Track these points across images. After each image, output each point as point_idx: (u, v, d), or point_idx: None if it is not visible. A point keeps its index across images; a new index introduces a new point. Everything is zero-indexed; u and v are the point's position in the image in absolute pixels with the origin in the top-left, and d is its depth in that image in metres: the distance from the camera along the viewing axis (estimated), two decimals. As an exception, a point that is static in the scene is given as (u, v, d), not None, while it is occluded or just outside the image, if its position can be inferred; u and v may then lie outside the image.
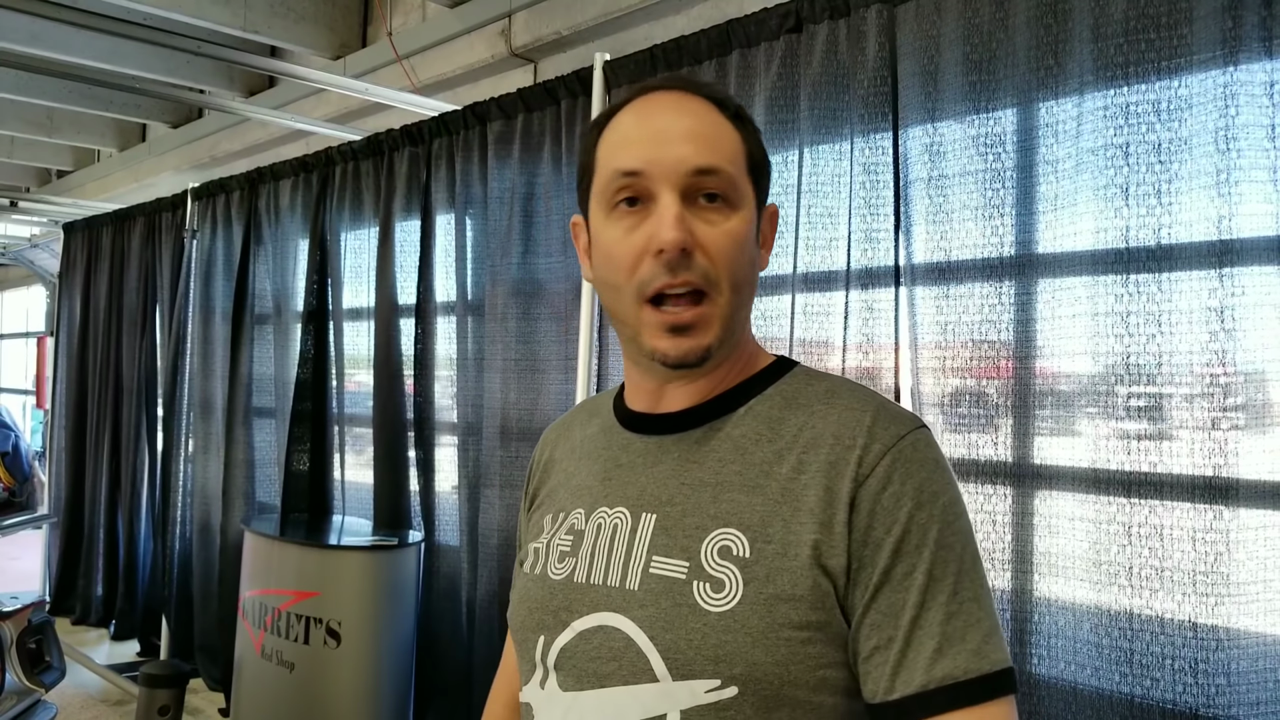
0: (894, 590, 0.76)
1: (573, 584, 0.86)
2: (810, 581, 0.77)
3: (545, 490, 1.00)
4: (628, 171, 0.83)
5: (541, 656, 0.86)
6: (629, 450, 0.91)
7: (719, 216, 0.83)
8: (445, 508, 3.15)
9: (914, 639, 0.76)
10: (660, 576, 0.81)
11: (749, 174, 0.87)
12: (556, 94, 2.72)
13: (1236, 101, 1.63)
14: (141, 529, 4.72)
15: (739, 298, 0.85)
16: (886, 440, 0.80)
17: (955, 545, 0.78)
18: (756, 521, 0.80)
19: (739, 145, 0.87)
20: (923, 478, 0.79)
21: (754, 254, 0.88)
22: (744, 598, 0.77)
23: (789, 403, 0.87)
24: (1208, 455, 1.65)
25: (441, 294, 3.17)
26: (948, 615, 0.76)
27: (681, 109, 0.86)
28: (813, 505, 0.79)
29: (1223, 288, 1.64)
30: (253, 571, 3.03)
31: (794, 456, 0.82)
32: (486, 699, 3.17)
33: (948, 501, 0.79)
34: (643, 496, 0.86)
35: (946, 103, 1.95)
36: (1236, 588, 1.62)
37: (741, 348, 0.90)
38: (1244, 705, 1.61)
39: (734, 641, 0.76)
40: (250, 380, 3.93)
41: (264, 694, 2.93)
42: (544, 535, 0.93)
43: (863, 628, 0.77)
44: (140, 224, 4.84)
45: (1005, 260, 1.89)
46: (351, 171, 3.48)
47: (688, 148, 0.82)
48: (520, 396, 2.83)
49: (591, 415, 1.01)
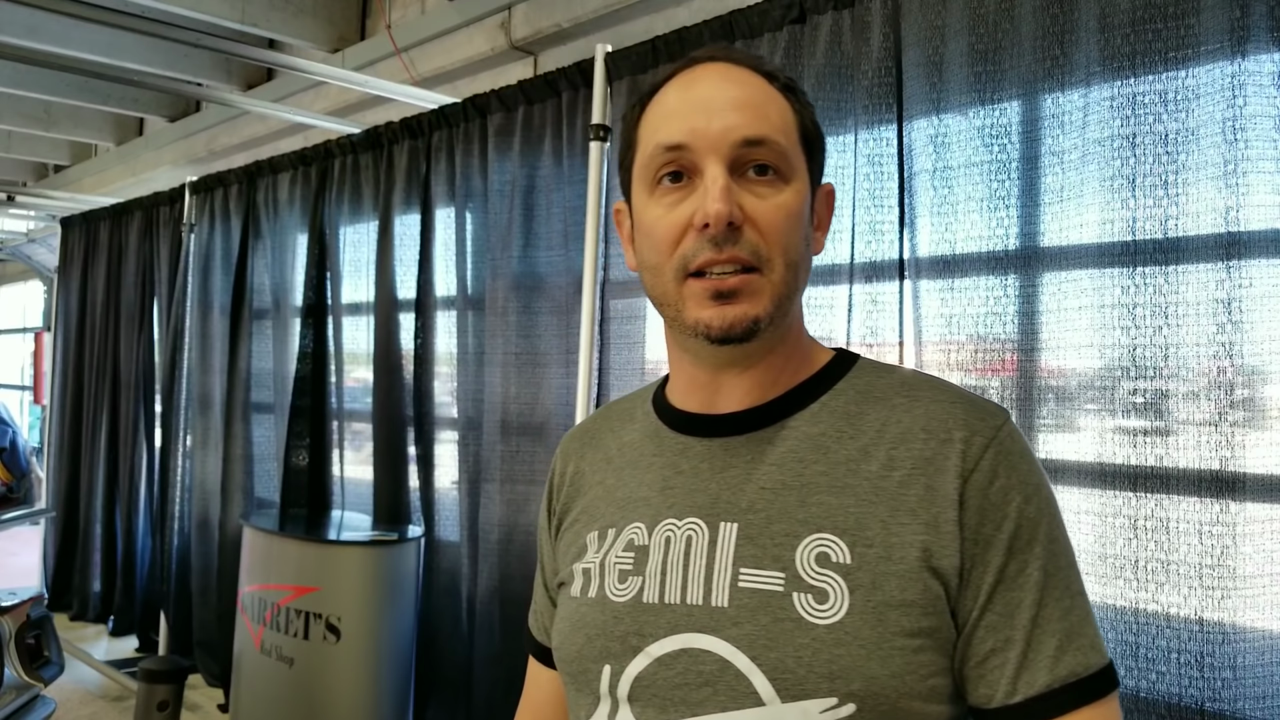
0: (1009, 589, 0.73)
1: (642, 605, 0.79)
2: (921, 585, 0.72)
3: (578, 507, 0.91)
4: (671, 145, 0.78)
5: (609, 688, 0.78)
6: (688, 456, 0.84)
7: (770, 190, 0.78)
8: (445, 503, 3.14)
9: (1035, 638, 0.72)
10: (754, 590, 0.75)
11: (802, 147, 0.82)
12: (557, 86, 2.70)
13: (1244, 92, 1.62)
14: (140, 524, 4.71)
15: (793, 276, 0.79)
16: (986, 432, 0.76)
17: (1060, 538, 0.76)
18: (852, 524, 0.75)
19: (790, 116, 0.81)
20: (1025, 469, 0.76)
21: (808, 232, 0.82)
22: (852, 607, 0.72)
23: (864, 396, 0.82)
24: (1214, 448, 1.64)
25: (441, 288, 3.15)
26: (1064, 611, 0.73)
27: (728, 78, 0.80)
28: (913, 504, 0.74)
29: (1230, 279, 1.62)
30: (252, 567, 3.02)
31: (882, 453, 0.77)
32: (488, 695, 3.14)
33: (1048, 493, 0.77)
34: (717, 504, 0.79)
35: (951, 94, 1.94)
36: (1243, 581, 1.61)
37: (796, 338, 0.84)
38: (1250, 699, 1.60)
39: (848, 655, 0.71)
40: (249, 375, 3.91)
41: (263, 689, 2.92)
42: (591, 554, 0.85)
43: (978, 630, 0.73)
44: (138, 218, 4.82)
45: (1010, 253, 1.88)
46: (350, 165, 3.47)
47: (735, 117, 0.77)
48: (521, 391, 2.81)
49: (624, 421, 0.93)
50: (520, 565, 2.79)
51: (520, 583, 2.79)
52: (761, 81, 0.81)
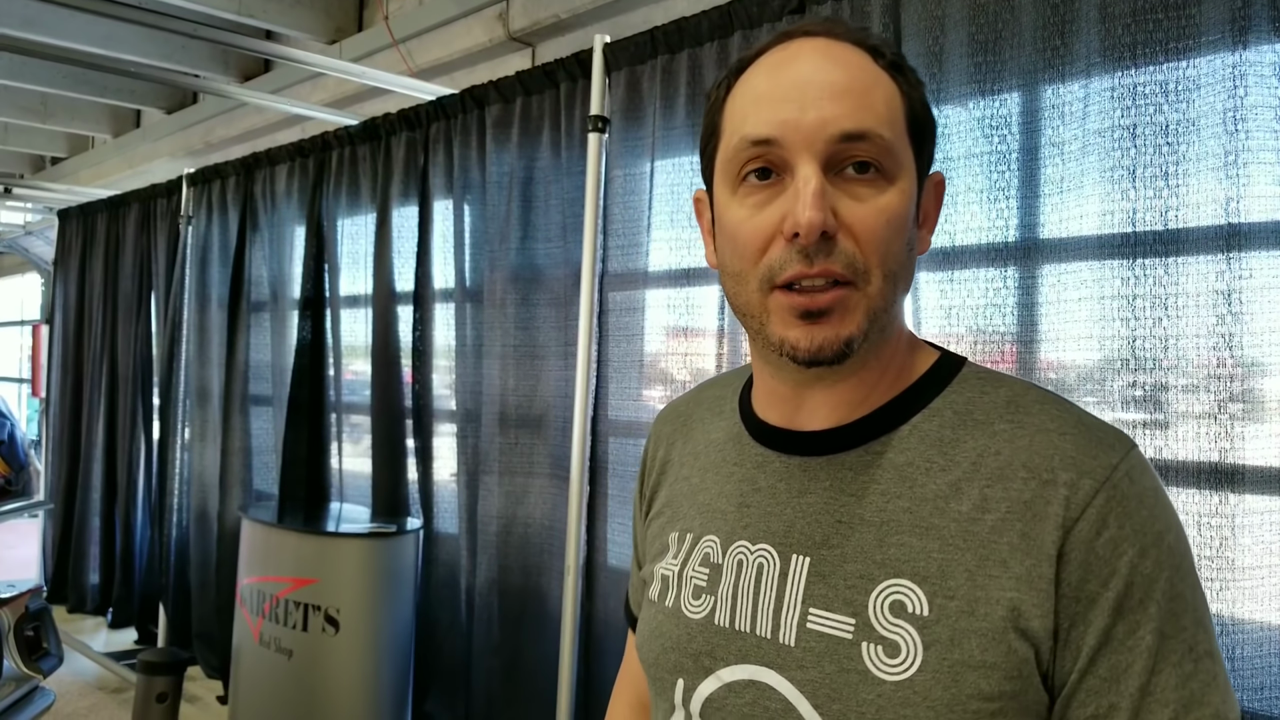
0: (1115, 652, 0.64)
1: (714, 627, 0.76)
2: (1005, 647, 0.65)
3: (663, 496, 0.88)
4: (759, 139, 0.69)
5: (683, 701, 0.77)
6: (766, 471, 0.78)
7: (870, 191, 0.68)
8: (444, 495, 3.14)
9: (1144, 708, 0.64)
10: (821, 634, 0.70)
11: (910, 137, 0.71)
12: (555, 77, 2.69)
13: (1245, 82, 1.61)
14: (138, 517, 4.71)
15: (892, 288, 0.70)
16: (1097, 474, 0.66)
17: (1186, 593, 0.66)
18: (934, 572, 0.67)
19: (898, 102, 0.71)
20: (1144, 516, 0.66)
21: (912, 235, 0.72)
22: (924, 664, 0.66)
23: (962, 419, 0.72)
24: (1214, 440, 1.64)
25: (440, 281, 3.15)
26: (1184, 677, 0.64)
27: (828, 58, 0.70)
28: (1005, 555, 0.66)
29: (1230, 270, 1.62)
30: (250, 559, 3.02)
31: (975, 490, 0.69)
32: (486, 686, 3.15)
33: (1173, 540, 0.66)
34: (790, 534, 0.74)
35: (951, 84, 1.93)
36: (1241, 573, 1.61)
37: (893, 347, 0.75)
38: (1248, 690, 1.60)
39: (914, 716, 0.65)
40: (247, 368, 3.91)
41: (262, 681, 2.92)
42: (670, 559, 0.83)
43: (1078, 693, 0.65)
44: (135, 210, 4.81)
45: (1010, 244, 1.87)
46: (348, 157, 3.46)
47: (833, 107, 0.67)
48: (519, 383, 2.81)
49: (714, 412, 0.88)
50: (519, 557, 2.80)
51: (518, 575, 2.79)
52: (866, 60, 0.71)
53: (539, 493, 2.77)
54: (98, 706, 3.81)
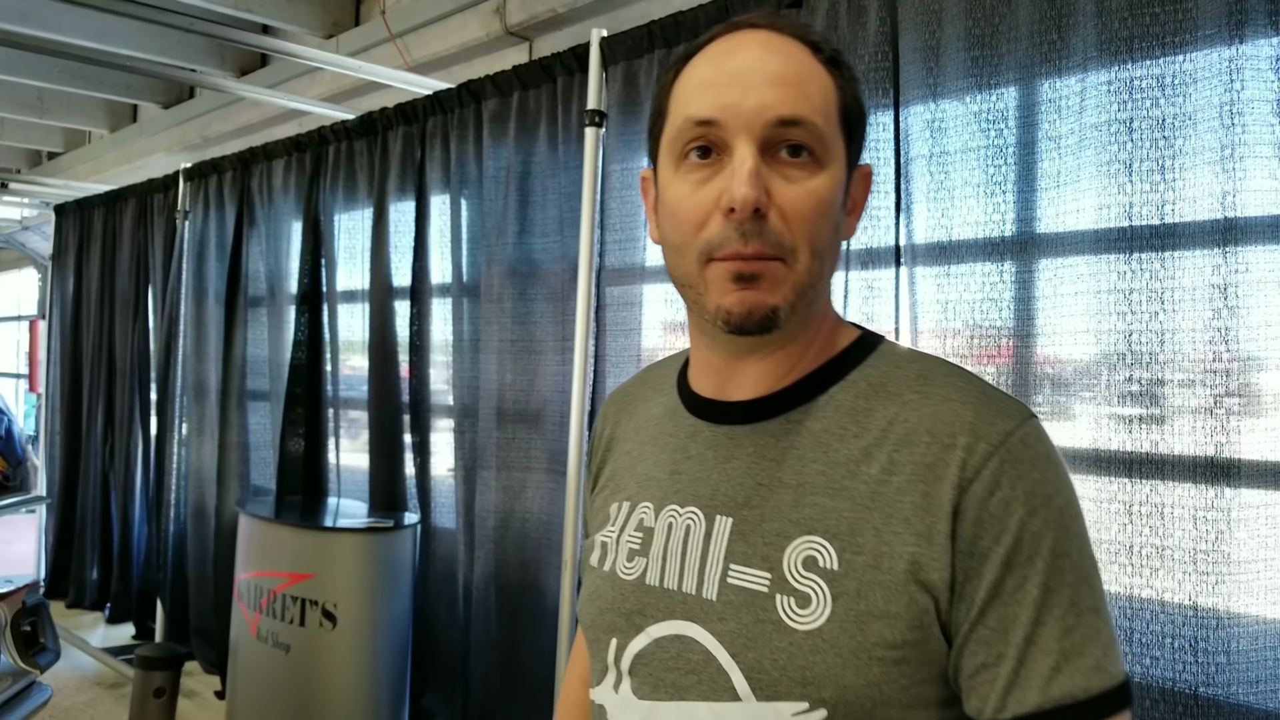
0: (1004, 604, 0.69)
1: (644, 586, 0.81)
2: (906, 598, 0.70)
3: (608, 471, 0.94)
4: (701, 120, 0.74)
5: (614, 659, 0.81)
6: (697, 440, 0.83)
7: (802, 174, 0.73)
8: (441, 490, 3.14)
9: (1028, 656, 0.69)
10: (740, 588, 0.75)
11: (841, 127, 0.77)
12: (553, 71, 2.69)
13: (1242, 76, 1.61)
14: (136, 512, 4.71)
15: (819, 266, 0.75)
16: (993, 438, 0.71)
17: (1072, 552, 0.70)
18: (844, 529, 0.73)
19: (832, 93, 0.76)
20: (1035, 479, 0.71)
21: (839, 219, 0.77)
22: (833, 615, 0.71)
23: (875, 390, 0.78)
24: (1209, 434, 1.64)
25: (437, 275, 3.14)
26: (1065, 629, 0.69)
27: (768, 49, 0.75)
28: (908, 513, 0.71)
29: (1226, 264, 1.62)
30: (248, 554, 3.02)
31: (884, 455, 0.74)
32: (484, 681, 3.15)
33: (1063, 503, 0.71)
34: (715, 496, 0.79)
35: (948, 78, 1.93)
36: (1237, 566, 1.61)
37: (818, 325, 0.81)
38: (1243, 684, 1.60)
39: (823, 663, 0.70)
40: (244, 363, 3.90)
41: (260, 676, 2.92)
42: (610, 527, 0.88)
43: (969, 644, 0.70)
44: (132, 205, 4.80)
45: (1007, 238, 1.87)
46: (345, 151, 3.45)
47: (771, 93, 0.72)
48: (516, 378, 2.81)
49: (655, 391, 0.93)
50: (516, 552, 2.80)
51: (516, 569, 2.80)
52: (805, 53, 0.76)
53: (536, 487, 2.77)
54: (95, 701, 3.81)
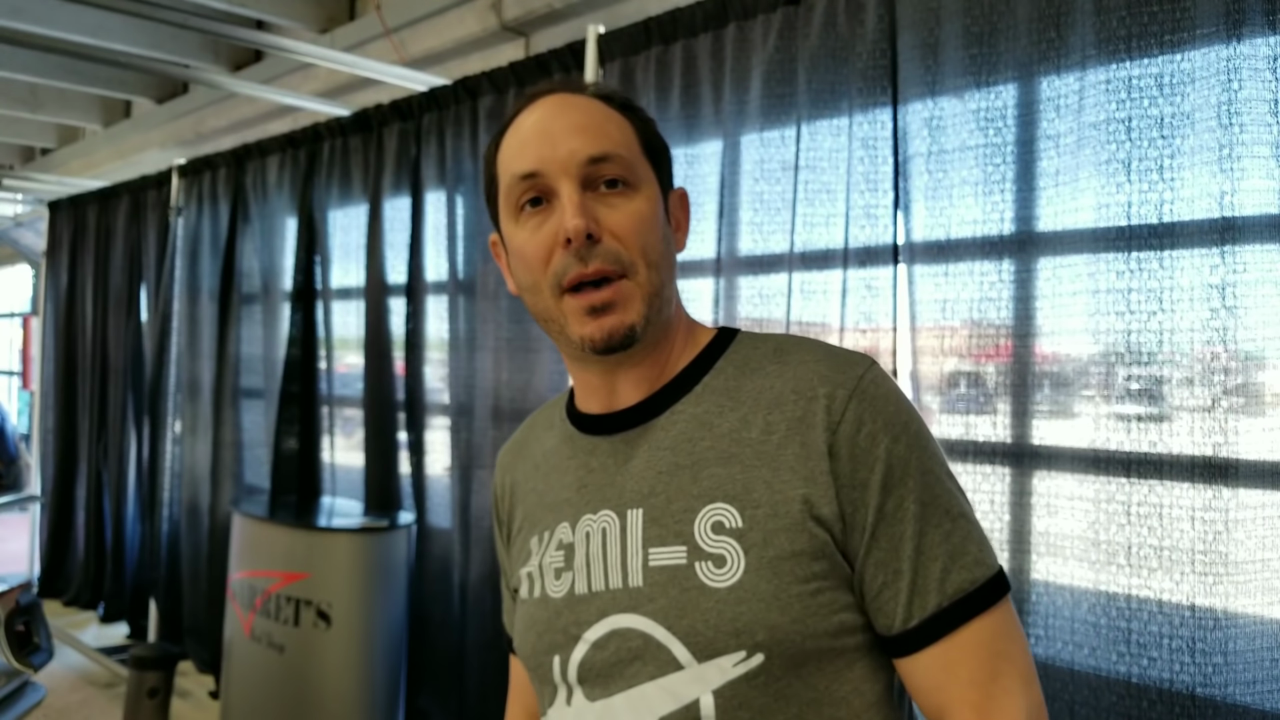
0: (890, 525, 0.79)
1: (574, 597, 0.86)
2: (807, 535, 0.78)
3: (520, 515, 0.99)
4: (525, 174, 0.85)
5: (561, 676, 0.86)
6: (596, 454, 0.91)
7: (622, 200, 0.84)
8: (437, 490, 3.13)
9: (920, 565, 0.79)
10: (661, 567, 0.81)
11: (647, 158, 0.89)
12: (549, 67, 2.68)
13: (1239, 76, 1.61)
14: (129, 510, 4.69)
15: (659, 275, 0.85)
16: (847, 384, 0.82)
17: (934, 468, 0.81)
18: (740, 490, 0.81)
19: (630, 132, 0.88)
20: (890, 411, 0.81)
21: (665, 232, 0.88)
22: (748, 567, 0.78)
23: (740, 370, 0.88)
24: (1208, 434, 1.63)
25: (432, 272, 3.13)
26: (945, 534, 0.79)
27: (566, 106, 0.87)
28: (792, 462, 0.80)
29: (1224, 264, 1.62)
30: (241, 553, 3.00)
31: (760, 419, 0.83)
32: (480, 681, 3.14)
33: (917, 429, 0.82)
34: (624, 495, 0.86)
35: (947, 76, 1.92)
36: (1235, 567, 1.61)
37: (676, 327, 0.91)
38: (1240, 684, 1.60)
39: (749, 611, 0.77)
40: (238, 360, 3.89)
41: (254, 676, 2.91)
42: (534, 558, 0.93)
43: (868, 567, 0.80)
44: (125, 202, 4.78)
45: (1005, 237, 1.87)
46: (340, 148, 3.43)
47: (577, 140, 0.84)
48: (513, 376, 2.80)
49: (545, 429, 1.00)
50: (512, 551, 2.78)
51: (512, 568, 2.78)
52: (598, 104, 0.88)
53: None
54: (88, 701, 3.80)
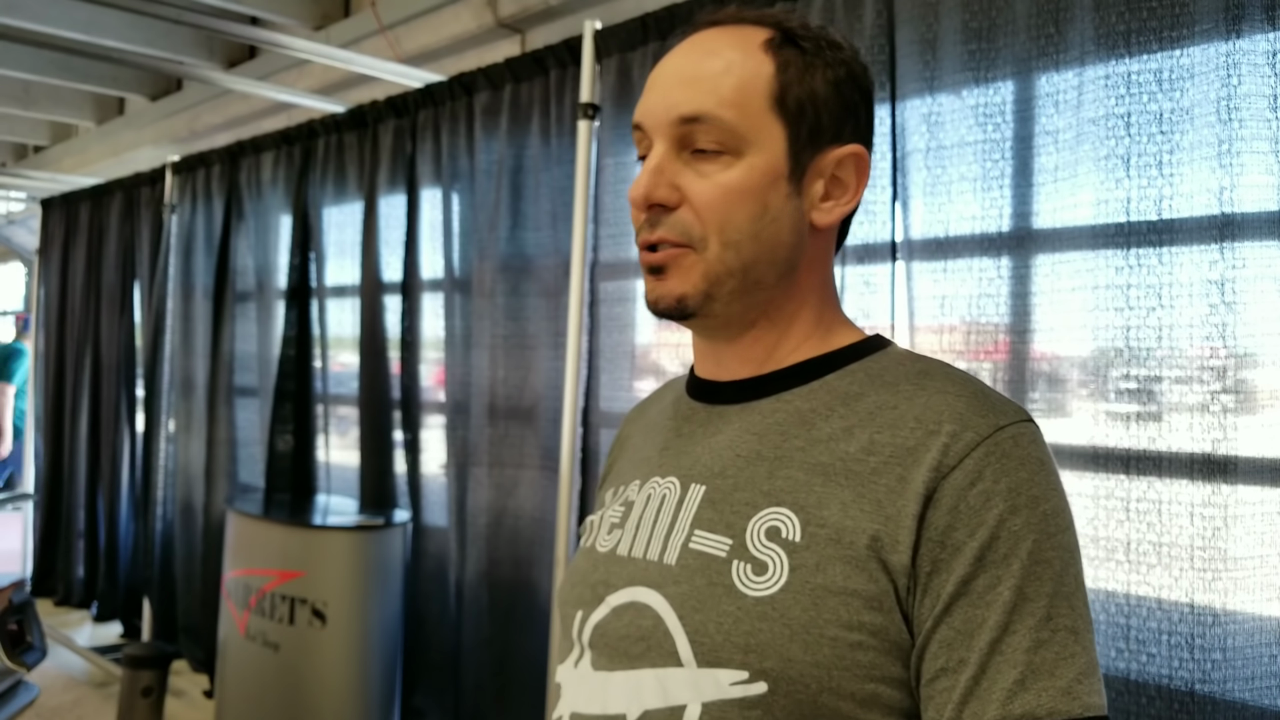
0: (972, 605, 0.65)
1: (615, 556, 0.80)
2: (866, 576, 0.67)
3: (616, 469, 0.96)
4: (635, 125, 0.80)
5: (578, 633, 0.80)
6: (691, 420, 0.84)
7: (715, 167, 0.76)
8: (433, 488, 3.12)
9: (991, 664, 0.64)
10: (699, 552, 0.74)
11: (776, 111, 0.76)
12: (545, 64, 2.66)
13: (1239, 71, 1.60)
14: (123, 509, 4.67)
15: (736, 255, 0.76)
16: (982, 429, 0.69)
17: (1054, 561, 0.66)
18: (812, 503, 0.71)
19: (758, 81, 0.76)
20: (1022, 477, 0.67)
21: (768, 207, 0.76)
22: (788, 585, 0.68)
23: (873, 380, 0.77)
24: (1206, 430, 1.63)
25: (428, 270, 3.12)
26: (1036, 643, 0.64)
27: (695, 47, 0.78)
28: (880, 495, 0.69)
29: (1223, 260, 1.61)
30: (236, 551, 2.99)
31: (866, 435, 0.72)
32: (476, 680, 3.12)
33: (1050, 510, 0.67)
34: (695, 466, 0.79)
35: (945, 72, 1.92)
36: (1233, 563, 1.60)
37: (790, 313, 0.81)
38: (1239, 681, 1.60)
39: (768, 631, 0.67)
40: (232, 358, 3.87)
41: (249, 675, 2.89)
42: (604, 509, 0.89)
43: (931, 643, 0.66)
44: (119, 199, 4.76)
45: (1004, 233, 1.86)
46: (334, 144, 3.42)
47: (678, 93, 0.76)
48: (509, 374, 2.79)
49: (669, 390, 0.96)
50: (509, 550, 2.78)
51: (509, 567, 2.78)
52: (741, 42, 0.77)
53: (529, 484, 2.75)
54: (82, 700, 3.78)
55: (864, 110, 0.81)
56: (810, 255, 0.81)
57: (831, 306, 0.83)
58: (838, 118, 0.78)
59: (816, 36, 0.79)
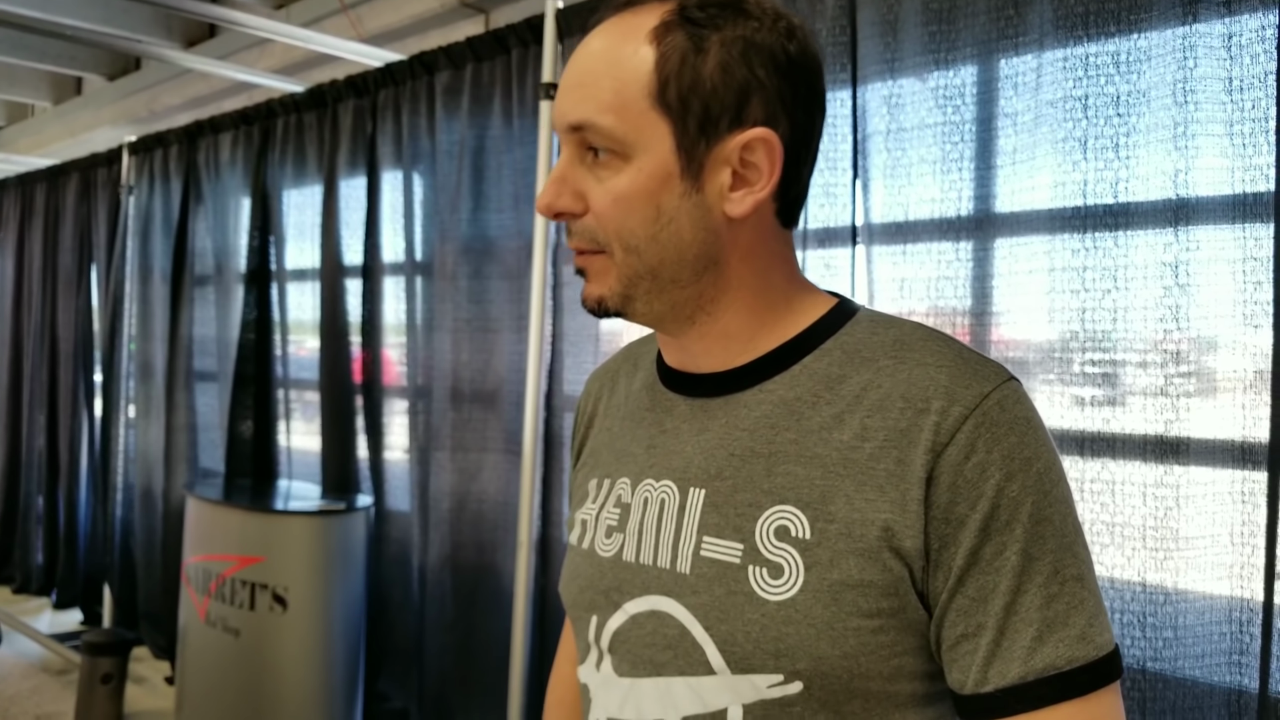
0: (983, 573, 0.67)
1: (621, 562, 0.80)
2: (880, 565, 0.68)
3: (589, 447, 0.93)
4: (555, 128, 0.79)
5: (595, 638, 0.81)
6: (673, 414, 0.82)
7: (607, 172, 0.74)
8: (395, 473, 3.09)
9: (1009, 626, 0.67)
10: (712, 560, 0.73)
11: (658, 109, 0.71)
12: (507, 43, 2.63)
13: (1195, 54, 1.61)
14: (81, 495, 4.61)
15: (639, 259, 0.74)
16: (968, 401, 0.69)
17: (1054, 518, 0.68)
18: (816, 498, 0.71)
19: (638, 78, 0.71)
20: (1012, 442, 0.68)
21: (660, 208, 0.73)
22: (805, 585, 0.69)
23: (850, 357, 0.76)
24: (1159, 412, 1.65)
25: (389, 253, 3.08)
26: (1048, 598, 0.67)
27: (586, 46, 0.75)
28: (881, 480, 0.69)
29: (1178, 242, 1.63)
30: (196, 537, 2.95)
31: (857, 421, 0.72)
32: (439, 664, 3.12)
33: (1043, 467, 0.69)
34: (689, 469, 0.78)
35: (906, 54, 1.91)
36: (1184, 543, 1.62)
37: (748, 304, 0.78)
38: (1190, 658, 1.62)
39: (796, 634, 0.69)
40: (191, 342, 3.82)
41: (210, 661, 2.87)
42: (590, 504, 0.87)
43: (948, 614, 0.69)
44: (75, 180, 4.67)
45: (963, 216, 1.87)
46: (294, 125, 3.37)
47: (566, 100, 0.74)
48: (472, 357, 2.77)
49: (636, 366, 0.92)
50: (472, 533, 2.76)
51: (472, 551, 2.76)
52: (622, 36, 0.73)
53: (493, 469, 2.74)
54: (41, 688, 3.72)
55: (776, 85, 0.73)
56: (737, 246, 0.76)
57: (781, 288, 0.79)
58: (733, 103, 0.72)
59: (719, 11, 0.72)
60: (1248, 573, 1.58)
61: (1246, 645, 1.59)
